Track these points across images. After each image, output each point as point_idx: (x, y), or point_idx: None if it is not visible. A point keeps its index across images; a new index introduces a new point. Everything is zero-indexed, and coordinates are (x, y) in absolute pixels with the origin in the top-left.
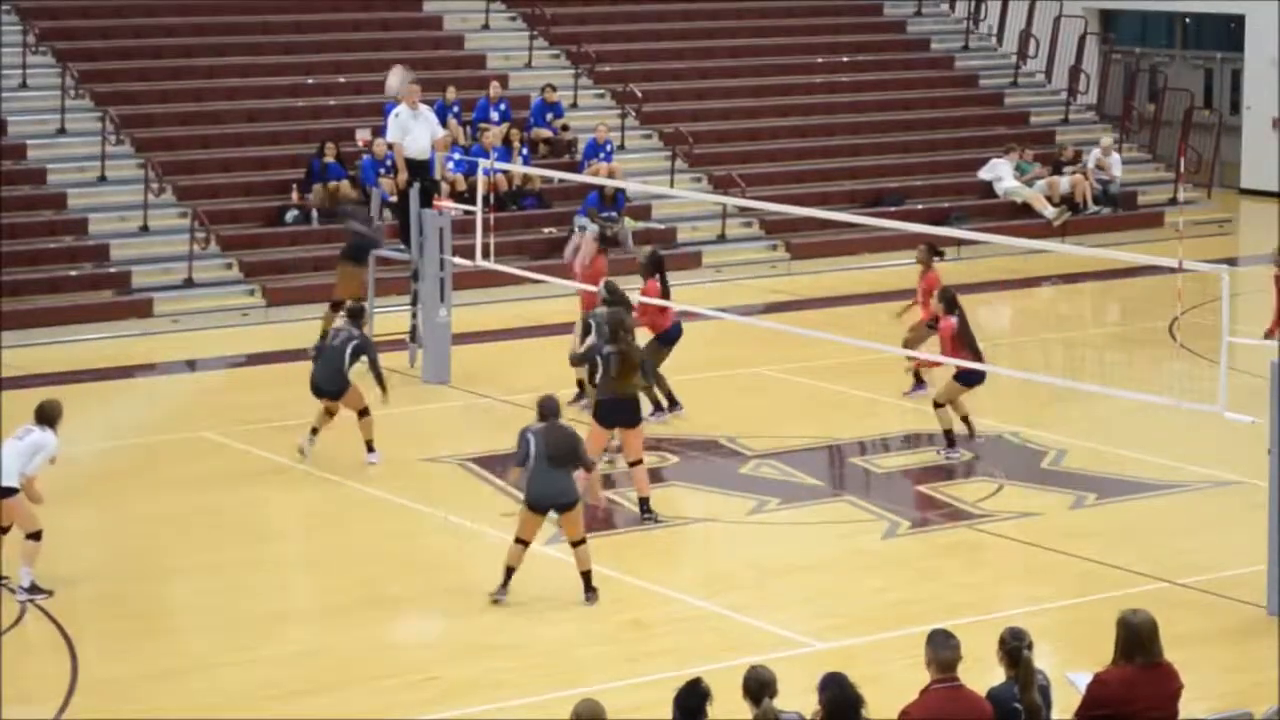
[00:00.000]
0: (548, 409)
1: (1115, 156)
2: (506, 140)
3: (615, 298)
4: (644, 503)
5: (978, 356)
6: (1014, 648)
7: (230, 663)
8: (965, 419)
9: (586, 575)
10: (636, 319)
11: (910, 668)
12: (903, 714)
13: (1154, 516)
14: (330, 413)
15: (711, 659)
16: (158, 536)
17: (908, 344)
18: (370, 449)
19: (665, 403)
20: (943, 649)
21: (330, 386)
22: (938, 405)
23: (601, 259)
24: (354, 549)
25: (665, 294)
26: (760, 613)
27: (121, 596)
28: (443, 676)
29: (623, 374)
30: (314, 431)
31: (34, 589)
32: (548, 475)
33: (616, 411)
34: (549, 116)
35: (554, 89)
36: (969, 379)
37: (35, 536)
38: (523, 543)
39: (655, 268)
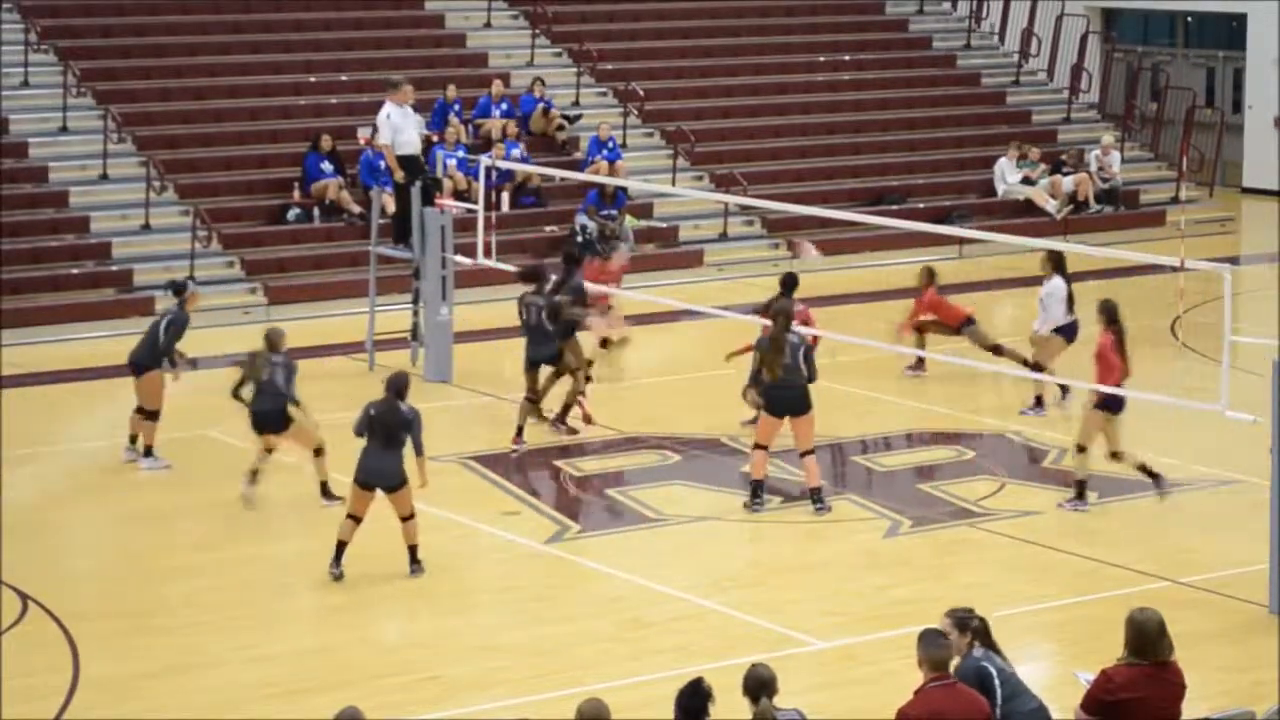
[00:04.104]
0: (392, 386)
1: (1115, 154)
2: (505, 134)
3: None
4: (815, 493)
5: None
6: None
7: (231, 661)
8: (1115, 455)
9: (413, 549)
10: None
11: (912, 666)
12: (899, 714)
13: (1155, 515)
14: (140, 411)
15: (713, 657)
16: (159, 534)
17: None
18: (147, 453)
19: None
20: (934, 648)
21: (142, 361)
22: (1080, 449)
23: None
24: (354, 548)
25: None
26: (761, 611)
27: (123, 594)
28: (443, 675)
29: (770, 359)
30: (131, 441)
31: None
32: (377, 454)
33: (781, 399)
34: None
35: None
36: (1113, 405)
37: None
38: (354, 519)
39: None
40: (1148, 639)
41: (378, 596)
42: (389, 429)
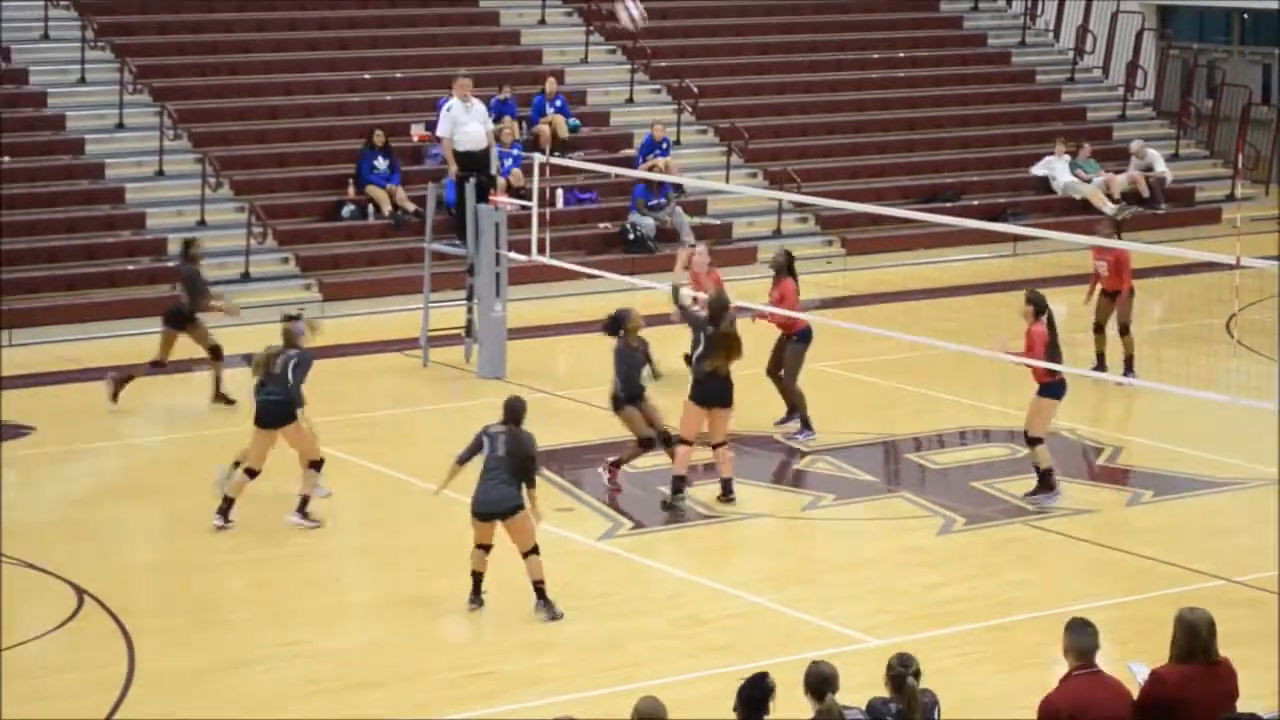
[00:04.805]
0: (511, 412)
1: (1151, 152)
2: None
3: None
4: (726, 484)
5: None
6: (899, 674)
7: (284, 656)
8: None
9: (538, 585)
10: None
11: (965, 664)
12: (1045, 701)
13: (1211, 513)
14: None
15: (767, 654)
16: (213, 530)
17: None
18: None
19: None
20: (1081, 636)
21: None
22: (1034, 441)
23: (717, 273)
24: (407, 543)
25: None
26: (815, 608)
27: (178, 589)
28: (497, 671)
29: (723, 353)
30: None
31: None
32: (491, 481)
33: (715, 391)
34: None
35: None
36: (1055, 391)
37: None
38: (484, 548)
39: (789, 268)
40: (1198, 638)
41: (430, 593)
42: (514, 457)
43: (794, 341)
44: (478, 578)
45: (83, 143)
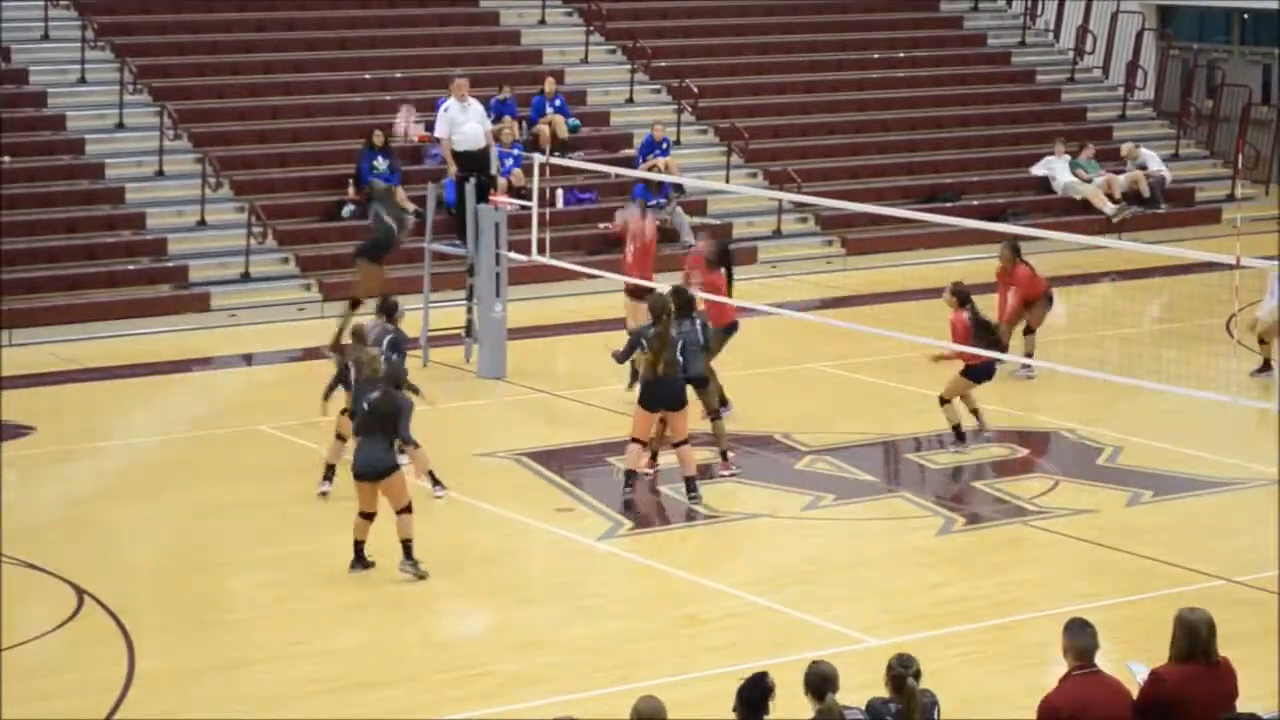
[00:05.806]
0: (389, 377)
1: (1145, 152)
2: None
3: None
4: (689, 482)
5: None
6: (899, 674)
7: (284, 656)
8: (975, 412)
9: (406, 544)
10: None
11: (965, 664)
12: (1045, 701)
13: (1211, 513)
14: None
15: (767, 654)
16: (214, 530)
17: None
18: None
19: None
20: (1079, 636)
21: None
22: (943, 401)
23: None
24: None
25: (729, 286)
26: (815, 608)
27: (178, 589)
28: (496, 671)
29: (658, 353)
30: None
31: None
32: (364, 443)
33: (661, 394)
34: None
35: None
36: (976, 374)
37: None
38: (366, 516)
39: (722, 259)
40: (1197, 639)
41: (430, 592)
42: (376, 416)
43: (718, 332)
44: (359, 545)
45: (83, 143)
